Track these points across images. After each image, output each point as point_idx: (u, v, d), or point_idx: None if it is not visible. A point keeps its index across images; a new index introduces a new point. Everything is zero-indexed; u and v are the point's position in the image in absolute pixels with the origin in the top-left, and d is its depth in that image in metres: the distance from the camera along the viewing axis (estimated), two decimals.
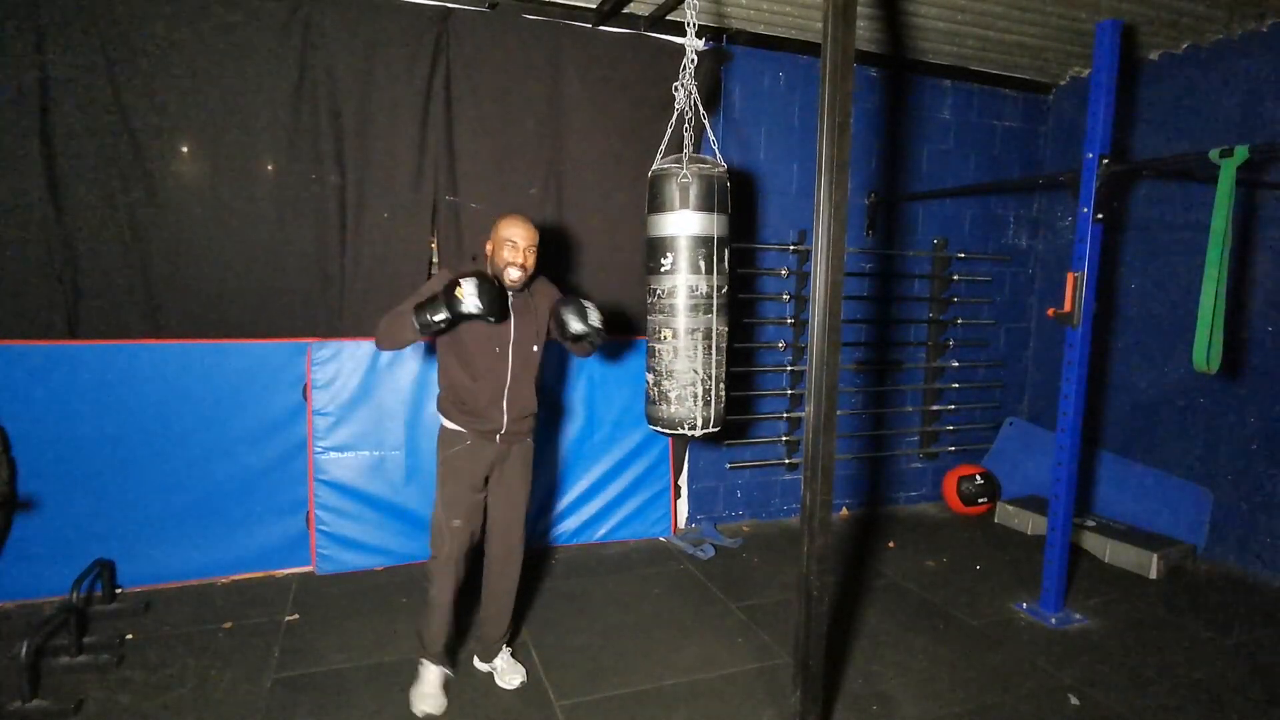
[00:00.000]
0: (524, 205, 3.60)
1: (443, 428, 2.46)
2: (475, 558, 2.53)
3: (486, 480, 2.48)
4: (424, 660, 2.46)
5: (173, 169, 3.16)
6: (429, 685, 2.43)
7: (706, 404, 2.39)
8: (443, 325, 2.24)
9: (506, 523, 2.53)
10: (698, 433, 2.41)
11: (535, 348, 2.47)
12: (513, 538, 2.55)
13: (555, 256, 3.71)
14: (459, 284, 2.17)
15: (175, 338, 3.22)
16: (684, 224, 2.33)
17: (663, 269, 2.38)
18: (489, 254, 2.38)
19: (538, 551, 3.72)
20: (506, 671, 2.59)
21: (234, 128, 3.19)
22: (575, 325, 2.37)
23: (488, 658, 2.63)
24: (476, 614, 2.68)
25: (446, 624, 2.44)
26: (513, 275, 2.33)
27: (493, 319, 2.23)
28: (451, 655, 2.55)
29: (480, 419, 2.41)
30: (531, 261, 2.36)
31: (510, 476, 2.50)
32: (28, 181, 2.97)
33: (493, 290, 2.19)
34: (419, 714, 2.37)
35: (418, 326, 2.23)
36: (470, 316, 2.21)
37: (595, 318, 2.39)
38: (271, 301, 3.36)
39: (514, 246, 2.33)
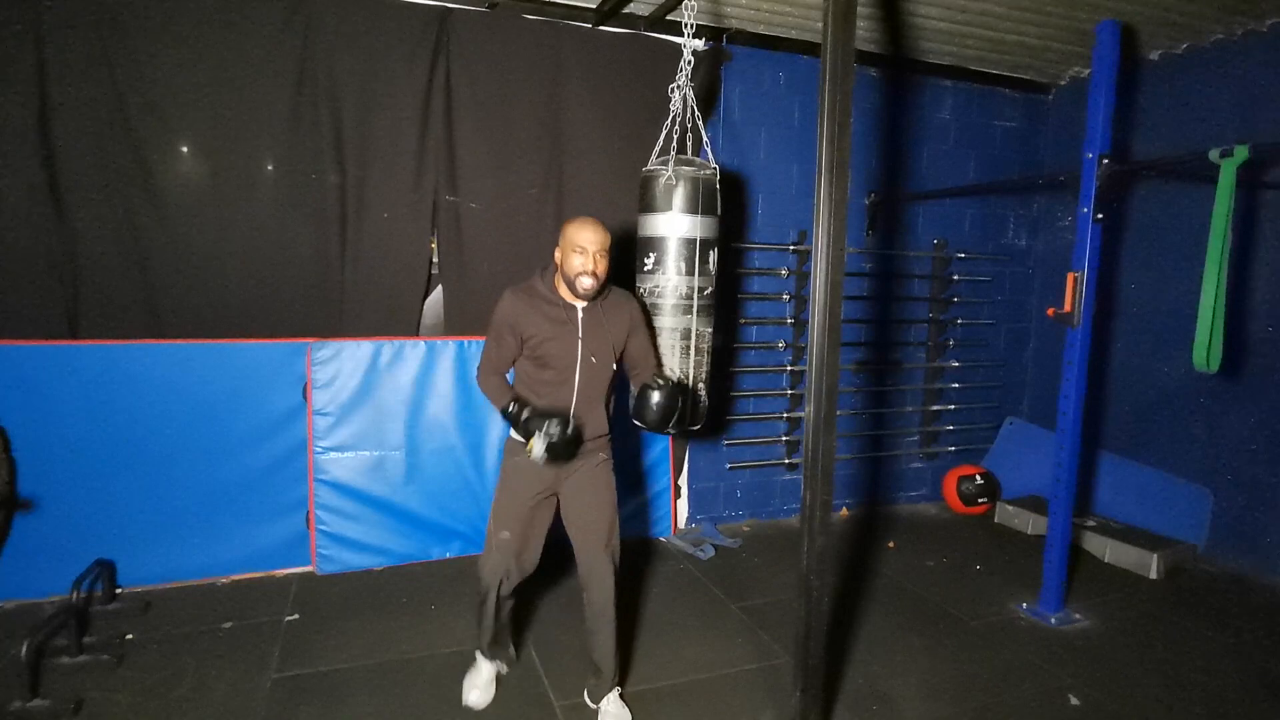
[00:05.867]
0: (524, 205, 3.61)
1: (510, 434, 2.34)
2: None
3: (557, 498, 2.35)
4: (477, 651, 2.51)
5: (173, 169, 3.16)
6: (479, 677, 2.46)
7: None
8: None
9: (581, 545, 2.34)
10: (673, 430, 2.44)
11: (605, 365, 2.29)
12: (592, 561, 2.32)
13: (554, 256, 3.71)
14: (534, 434, 2.10)
15: (175, 338, 3.22)
16: (667, 225, 2.35)
17: (645, 268, 2.40)
18: (558, 262, 2.23)
19: None
20: (611, 717, 2.36)
21: (234, 127, 3.19)
22: (651, 417, 2.25)
23: (595, 696, 2.41)
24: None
25: (492, 626, 2.42)
26: (585, 284, 2.17)
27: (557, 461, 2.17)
28: (515, 649, 2.63)
29: None
30: (604, 268, 2.19)
31: (579, 495, 2.32)
32: (28, 182, 2.97)
33: (566, 449, 2.13)
34: (464, 702, 2.43)
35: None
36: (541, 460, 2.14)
37: (670, 425, 2.28)
38: (271, 301, 3.36)
39: (584, 253, 2.16)
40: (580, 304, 2.24)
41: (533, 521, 2.33)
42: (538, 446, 2.09)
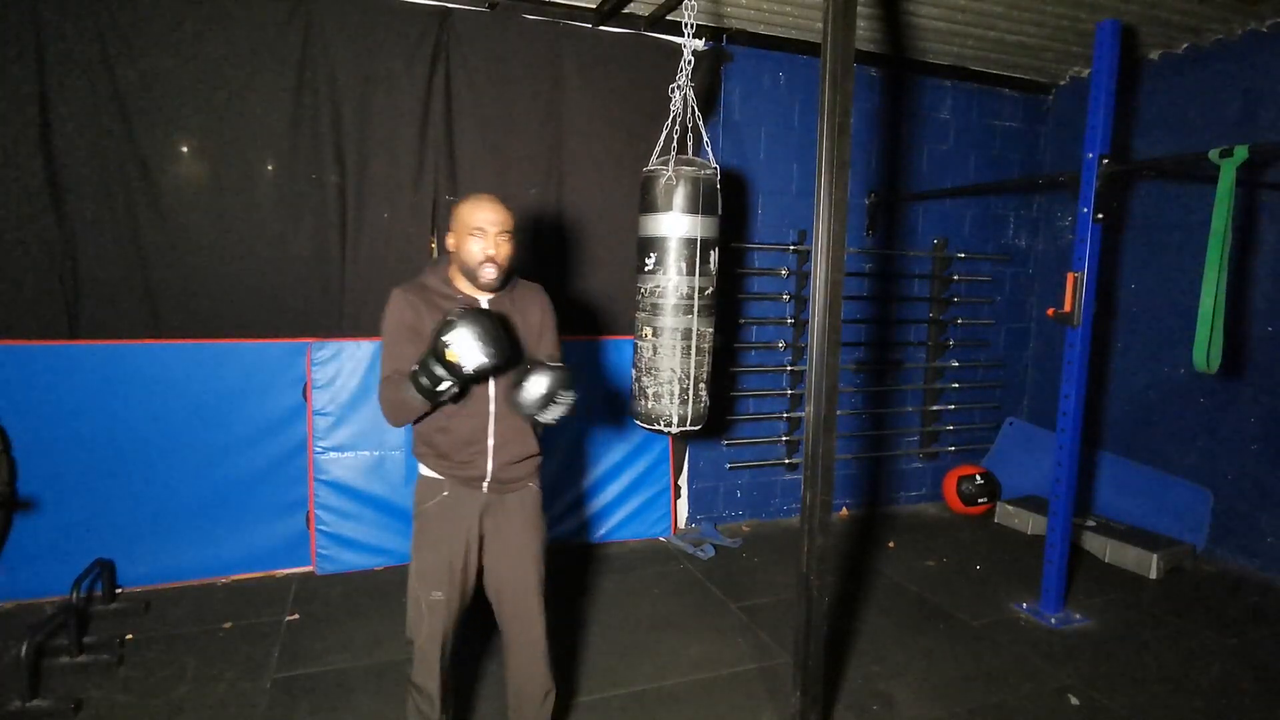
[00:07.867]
0: (524, 205, 3.61)
1: (419, 475, 1.95)
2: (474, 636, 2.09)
3: (482, 541, 1.94)
4: None
5: (173, 169, 3.16)
6: None
7: (684, 402, 2.46)
8: (456, 394, 1.72)
9: (511, 588, 1.95)
10: (674, 430, 2.47)
11: None
12: (521, 605, 1.95)
13: (556, 257, 3.71)
14: (445, 343, 1.60)
15: (175, 338, 3.22)
16: (668, 225, 2.37)
17: (646, 269, 2.43)
18: (452, 249, 1.84)
19: None
20: None
21: (234, 128, 3.19)
22: (526, 399, 1.72)
23: None
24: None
25: (436, 707, 1.91)
26: (488, 274, 1.80)
27: (503, 366, 1.69)
28: None
29: (458, 464, 1.88)
30: (506, 253, 1.82)
31: (508, 530, 1.94)
32: (28, 181, 2.97)
33: (493, 329, 1.63)
34: None
35: (423, 402, 1.72)
36: (484, 374, 1.68)
37: (553, 414, 1.75)
38: (271, 301, 3.36)
39: (482, 235, 1.78)
40: (483, 296, 1.87)
41: (466, 571, 1.92)
42: (462, 345, 1.59)
